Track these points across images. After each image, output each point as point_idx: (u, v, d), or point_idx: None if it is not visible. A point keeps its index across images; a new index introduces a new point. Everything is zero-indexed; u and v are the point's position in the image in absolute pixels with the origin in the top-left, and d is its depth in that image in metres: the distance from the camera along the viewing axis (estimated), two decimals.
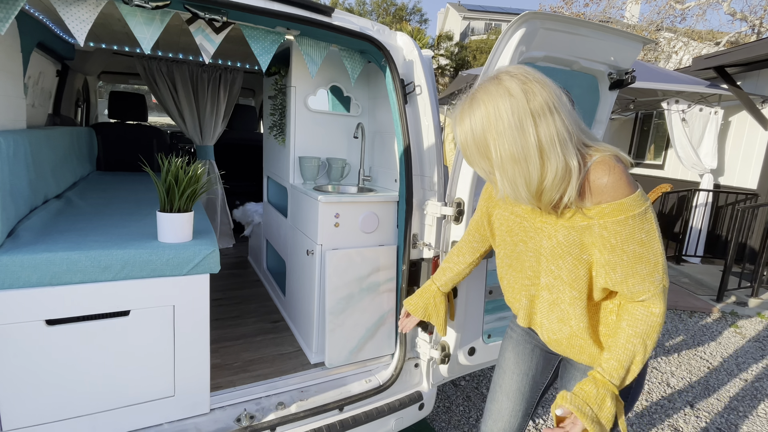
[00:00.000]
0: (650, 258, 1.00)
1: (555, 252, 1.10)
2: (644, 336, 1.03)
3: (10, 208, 1.44)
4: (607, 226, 1.01)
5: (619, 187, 0.99)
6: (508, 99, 0.97)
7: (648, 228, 1.00)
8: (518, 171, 0.99)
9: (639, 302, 1.04)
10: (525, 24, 1.62)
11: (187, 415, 1.61)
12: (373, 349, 2.13)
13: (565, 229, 1.07)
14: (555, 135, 0.97)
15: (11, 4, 1.37)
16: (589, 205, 1.03)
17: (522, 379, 1.39)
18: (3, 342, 1.29)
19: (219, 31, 1.65)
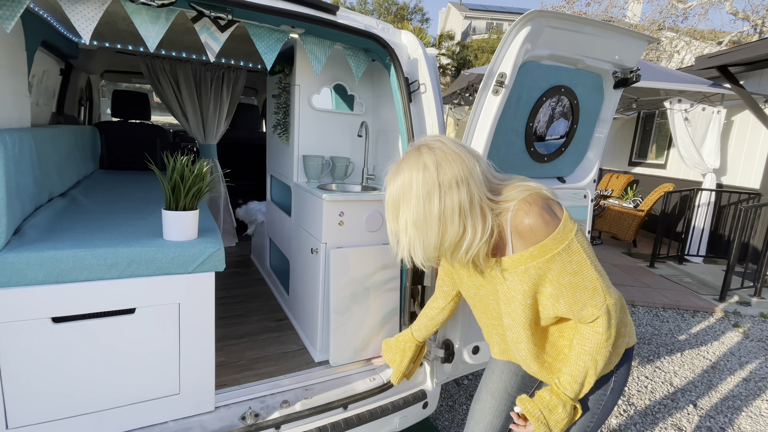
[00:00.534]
0: (587, 285, 1.08)
1: (507, 295, 1.18)
2: (593, 353, 1.12)
3: (16, 206, 1.44)
4: (540, 266, 1.09)
5: (538, 229, 1.07)
6: (422, 171, 1.06)
7: (577, 259, 1.07)
8: (418, 236, 1.08)
9: (588, 324, 1.13)
10: (530, 22, 1.62)
11: (192, 413, 1.61)
12: (378, 348, 2.13)
13: (510, 275, 1.15)
14: (457, 205, 1.05)
15: (17, 3, 1.37)
16: (521, 250, 1.10)
17: (511, 378, 1.42)
18: (9, 339, 1.29)
19: (224, 29, 1.65)
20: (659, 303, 4.57)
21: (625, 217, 6.48)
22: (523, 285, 1.12)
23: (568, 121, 2.05)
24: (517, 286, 1.14)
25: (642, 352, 3.55)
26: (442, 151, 1.07)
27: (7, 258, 1.27)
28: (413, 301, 2.00)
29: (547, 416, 1.15)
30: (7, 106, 1.71)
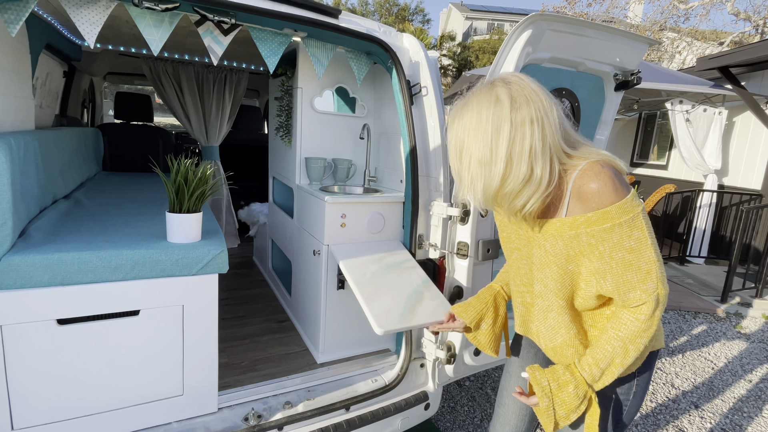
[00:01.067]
0: (641, 265, 0.99)
1: (543, 261, 1.11)
2: (626, 340, 1.02)
3: (21, 208, 1.45)
4: (594, 234, 1.01)
5: (605, 194, 0.99)
6: (493, 106, 1.00)
7: (638, 235, 0.98)
8: (480, 174, 1.02)
9: (630, 308, 1.03)
10: (532, 25, 1.63)
11: (195, 414, 1.62)
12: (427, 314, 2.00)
13: (553, 239, 1.08)
14: (528, 146, 0.98)
15: (22, 7, 1.39)
16: (578, 214, 1.03)
17: (526, 382, 1.38)
18: (15, 341, 1.31)
19: (227, 33, 1.67)
20: None
21: None
22: (567, 250, 1.05)
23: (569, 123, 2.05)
24: (559, 252, 1.06)
25: None
26: (519, 86, 1.00)
27: (12, 260, 1.28)
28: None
29: (554, 390, 1.04)
30: (12, 109, 1.72)
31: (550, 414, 1.05)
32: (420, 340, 2.07)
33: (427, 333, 2.03)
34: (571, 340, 1.13)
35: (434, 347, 1.98)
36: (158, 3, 1.46)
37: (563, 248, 1.06)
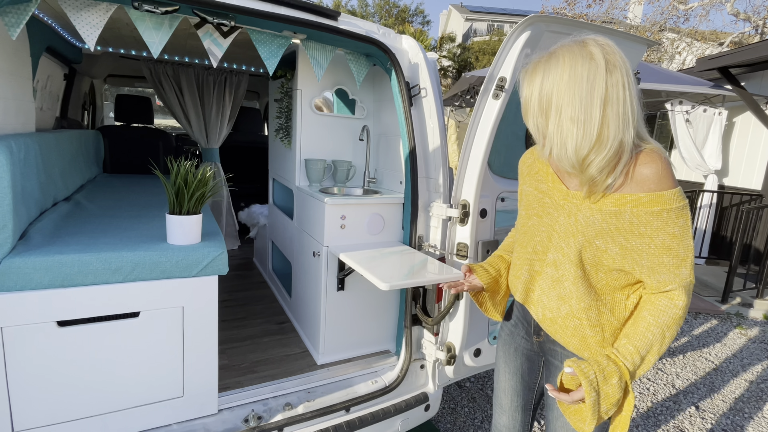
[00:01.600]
0: (680, 252, 1.01)
1: (569, 230, 1.11)
2: (664, 327, 1.03)
3: (22, 210, 1.46)
4: (640, 215, 1.01)
5: (663, 178, 1.00)
6: (588, 62, 0.98)
7: (682, 223, 1.01)
8: (572, 133, 1.00)
9: (663, 293, 1.05)
10: (530, 27, 1.63)
11: (195, 415, 1.62)
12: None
13: (589, 210, 1.08)
14: (620, 111, 0.98)
15: (22, 10, 1.39)
16: (627, 192, 1.03)
17: (512, 377, 1.42)
18: (15, 343, 1.31)
19: (227, 35, 1.67)
20: None
21: None
22: (601, 224, 1.05)
23: None
24: (592, 224, 1.06)
25: None
26: (612, 50, 0.99)
27: (13, 262, 1.28)
28: (414, 304, 2.01)
29: (600, 383, 1.00)
30: (12, 112, 1.73)
31: (596, 409, 1.01)
32: (420, 341, 2.07)
33: (427, 334, 2.03)
34: (578, 313, 1.12)
35: (434, 348, 1.98)
36: (158, 6, 1.47)
37: (599, 222, 1.06)
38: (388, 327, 2.29)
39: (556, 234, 1.15)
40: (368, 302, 2.22)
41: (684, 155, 6.03)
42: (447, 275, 1.54)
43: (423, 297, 2.01)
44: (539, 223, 1.20)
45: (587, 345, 1.13)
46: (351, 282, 2.16)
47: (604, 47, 1.00)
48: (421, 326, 2.05)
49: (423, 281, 1.57)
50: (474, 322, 1.94)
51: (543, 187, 1.22)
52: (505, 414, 1.46)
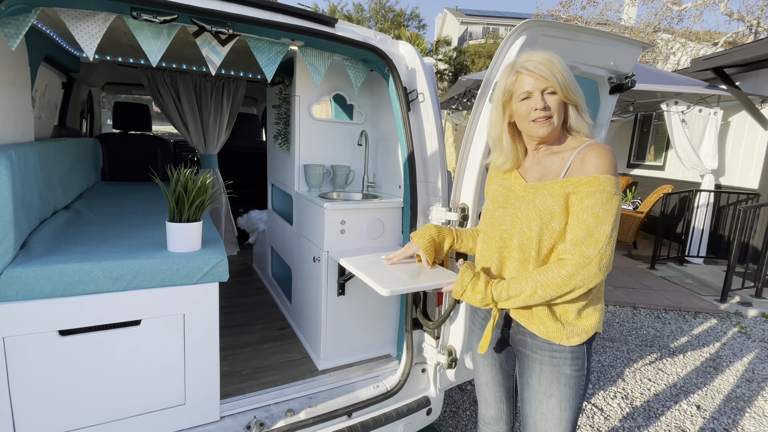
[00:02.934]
0: (593, 231, 1.13)
1: (530, 215, 1.24)
2: (540, 284, 1.16)
3: (23, 220, 1.46)
4: (578, 194, 1.16)
5: (603, 164, 1.16)
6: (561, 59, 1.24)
7: (608, 208, 1.13)
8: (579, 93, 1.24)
9: (559, 259, 1.18)
10: (526, 32, 1.65)
11: (197, 423, 1.62)
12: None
13: (543, 196, 1.22)
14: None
15: (22, 21, 1.40)
16: (572, 176, 1.18)
17: (492, 368, 1.48)
18: (17, 352, 1.31)
19: (225, 43, 1.68)
20: (660, 305, 4.58)
21: (624, 219, 6.49)
22: (554, 207, 1.19)
23: None
24: (546, 208, 1.20)
25: (644, 354, 3.55)
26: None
27: (14, 272, 1.29)
28: (415, 308, 2.01)
29: (467, 290, 1.27)
30: (12, 121, 1.73)
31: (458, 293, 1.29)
32: (421, 345, 2.07)
33: (427, 337, 2.03)
34: None
35: (435, 352, 1.99)
36: (156, 15, 1.48)
37: (551, 204, 1.19)
38: (388, 331, 2.30)
39: (519, 220, 1.27)
40: (369, 307, 2.23)
41: (680, 155, 6.06)
42: (447, 279, 1.55)
43: (423, 301, 2.02)
44: (504, 214, 1.32)
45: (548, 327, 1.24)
46: (351, 287, 2.17)
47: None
48: (421, 330, 2.05)
49: (423, 286, 1.57)
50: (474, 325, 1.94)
51: (507, 183, 1.36)
52: (491, 407, 1.52)
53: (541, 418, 1.29)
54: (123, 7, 1.45)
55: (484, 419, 1.57)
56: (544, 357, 1.27)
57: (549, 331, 1.24)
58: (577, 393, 1.26)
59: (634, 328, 4.05)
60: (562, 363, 1.25)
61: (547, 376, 1.27)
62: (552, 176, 1.24)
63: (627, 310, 4.49)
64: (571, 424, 1.28)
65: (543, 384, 1.28)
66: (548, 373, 1.27)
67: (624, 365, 3.35)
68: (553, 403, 1.27)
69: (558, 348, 1.24)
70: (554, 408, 1.27)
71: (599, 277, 1.13)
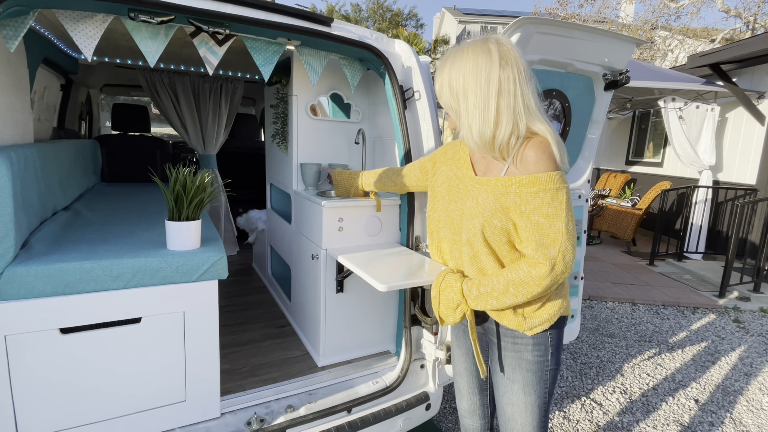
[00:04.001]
0: (549, 233, 1.12)
1: (473, 212, 1.24)
2: (510, 282, 1.16)
3: (23, 220, 1.48)
4: (522, 194, 1.15)
5: (541, 161, 1.14)
6: (486, 57, 1.14)
7: (556, 205, 1.12)
8: (476, 117, 1.16)
9: (528, 258, 1.18)
10: (520, 29, 1.67)
11: (198, 419, 1.64)
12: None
13: (485, 193, 1.22)
14: (512, 103, 1.13)
15: (20, 23, 1.42)
16: (513, 175, 1.18)
17: (465, 359, 1.50)
18: (19, 350, 1.32)
19: (222, 43, 1.70)
20: (659, 301, 4.59)
21: (623, 216, 6.51)
22: (495, 204, 1.19)
23: (560, 123, 2.09)
24: (488, 205, 1.20)
25: (643, 349, 3.57)
26: (508, 49, 1.15)
27: (15, 271, 1.30)
28: (413, 304, 2.03)
29: (442, 288, 1.30)
30: (11, 123, 1.74)
31: (436, 303, 1.31)
32: (419, 341, 2.09)
33: (426, 333, 2.05)
34: None
35: (434, 348, 2.00)
36: (154, 16, 1.50)
37: (493, 202, 1.20)
38: (387, 328, 2.31)
39: (465, 216, 1.28)
40: (367, 303, 2.24)
41: (678, 151, 6.08)
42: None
43: (422, 297, 2.03)
44: (455, 208, 1.34)
45: (509, 318, 1.26)
46: (350, 284, 2.18)
47: (501, 45, 1.15)
48: (420, 326, 2.07)
49: (420, 281, 1.59)
50: None
51: (459, 174, 1.36)
52: (464, 398, 1.54)
53: (507, 403, 1.33)
54: (120, 8, 1.47)
55: (461, 411, 1.59)
56: (507, 344, 1.30)
57: (510, 323, 1.26)
58: (541, 378, 1.28)
59: (633, 324, 4.07)
60: (524, 349, 1.27)
61: (510, 362, 1.30)
62: (495, 172, 1.24)
63: (626, 306, 4.51)
64: (538, 408, 1.30)
65: (506, 369, 1.31)
66: (510, 359, 1.30)
67: (623, 360, 3.36)
68: (517, 388, 1.30)
69: (519, 335, 1.27)
70: (518, 392, 1.30)
71: (566, 273, 1.14)
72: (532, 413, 1.30)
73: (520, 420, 1.31)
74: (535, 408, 1.30)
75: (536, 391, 1.29)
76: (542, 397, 1.30)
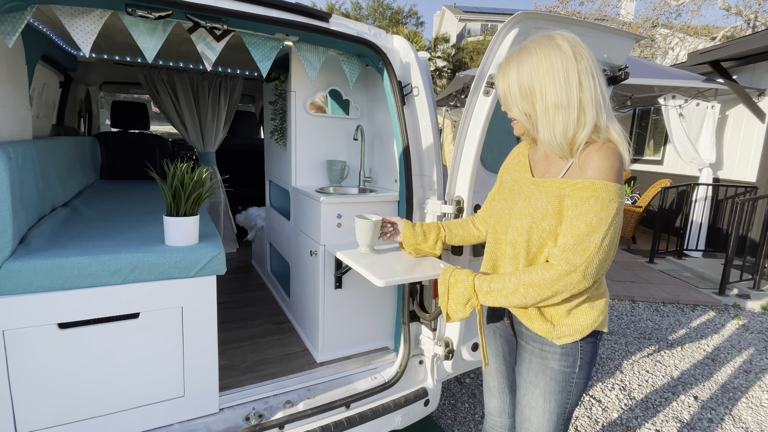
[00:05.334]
0: (584, 241, 1.07)
1: (523, 212, 1.22)
2: (523, 282, 1.14)
3: (21, 216, 1.48)
4: (573, 198, 1.10)
5: (602, 169, 1.08)
6: (559, 53, 1.09)
7: (603, 216, 1.07)
8: (558, 118, 1.10)
9: (546, 262, 1.15)
10: (518, 24, 1.66)
11: (197, 414, 1.64)
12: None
13: (539, 194, 1.19)
14: (593, 96, 1.08)
15: (18, 18, 1.41)
16: (570, 177, 1.13)
17: (496, 359, 1.49)
18: (17, 346, 1.33)
19: (220, 39, 1.70)
20: (659, 298, 4.59)
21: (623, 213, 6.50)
22: (547, 207, 1.15)
23: None
24: (540, 206, 1.17)
25: (642, 346, 3.57)
26: (576, 42, 1.11)
27: (13, 266, 1.30)
28: (412, 300, 2.03)
29: (451, 284, 1.27)
30: (10, 120, 1.74)
31: (445, 299, 1.29)
32: (418, 337, 2.09)
33: (424, 329, 2.05)
34: None
35: (432, 343, 2.00)
36: (151, 11, 1.49)
37: (545, 204, 1.16)
38: (386, 324, 2.32)
39: (514, 216, 1.25)
40: (366, 299, 2.25)
41: (678, 149, 6.07)
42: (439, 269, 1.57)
43: (420, 293, 2.03)
44: (504, 206, 1.31)
45: (540, 325, 1.23)
46: (348, 280, 2.18)
47: (569, 39, 1.10)
48: (419, 322, 2.07)
49: (418, 277, 1.59)
50: (471, 316, 1.96)
51: (517, 176, 1.33)
52: (494, 397, 1.53)
53: (526, 405, 1.31)
54: (118, 3, 1.47)
55: (489, 410, 1.57)
56: (534, 349, 1.28)
57: (539, 330, 1.23)
58: (564, 388, 1.25)
59: (632, 321, 4.07)
60: (550, 357, 1.24)
61: (535, 367, 1.28)
62: (554, 173, 1.19)
63: (625, 304, 4.51)
64: (556, 416, 1.27)
65: (530, 374, 1.29)
66: (536, 364, 1.27)
67: (622, 357, 3.36)
68: (538, 393, 1.27)
69: (548, 343, 1.24)
70: (539, 398, 1.27)
71: (583, 284, 1.10)
72: (549, 420, 1.27)
73: (535, 423, 1.29)
74: (553, 415, 1.27)
75: (557, 400, 1.26)
76: (562, 406, 1.26)
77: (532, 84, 1.11)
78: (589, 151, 1.11)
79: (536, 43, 1.12)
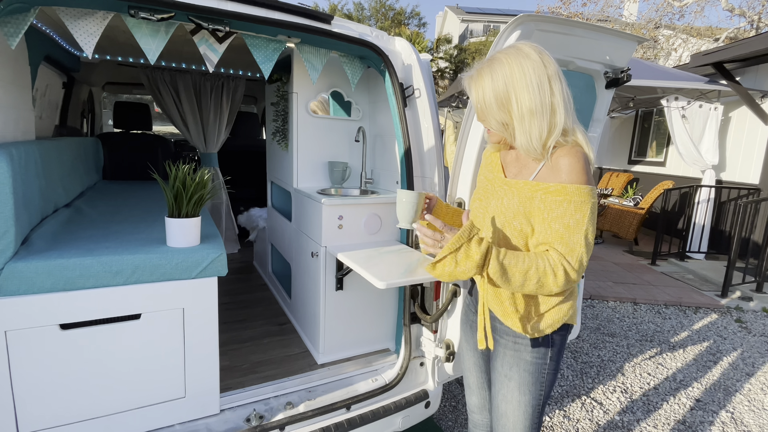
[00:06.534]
0: (569, 243, 1.11)
1: (495, 211, 1.26)
2: (532, 266, 1.10)
3: (24, 216, 1.48)
4: (546, 201, 1.14)
5: (573, 172, 1.12)
6: (529, 60, 1.12)
7: (579, 218, 1.11)
8: (535, 123, 1.13)
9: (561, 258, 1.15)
10: (520, 26, 1.66)
11: (197, 416, 1.64)
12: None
13: (511, 195, 1.22)
14: (562, 99, 1.13)
15: (21, 20, 1.42)
16: (541, 180, 1.17)
17: (473, 354, 1.50)
18: (19, 346, 1.33)
19: (222, 40, 1.70)
20: (661, 300, 4.58)
21: (625, 215, 6.49)
22: (519, 207, 1.19)
23: None
24: (512, 207, 1.20)
25: (644, 348, 3.56)
26: (541, 49, 1.15)
27: (16, 267, 1.31)
28: (413, 302, 2.03)
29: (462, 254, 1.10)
30: (12, 120, 1.75)
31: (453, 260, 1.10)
32: (419, 339, 2.09)
33: (425, 331, 2.05)
34: None
35: (433, 345, 2.00)
36: (154, 13, 1.50)
37: (517, 205, 1.20)
38: (387, 325, 2.31)
39: (488, 215, 1.29)
40: (367, 301, 2.25)
41: (681, 151, 6.06)
42: None
43: (421, 295, 2.03)
44: (479, 206, 1.35)
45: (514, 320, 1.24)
46: (350, 281, 2.18)
47: (534, 47, 1.15)
48: (419, 324, 2.07)
49: (419, 279, 1.59)
50: None
51: (490, 176, 1.36)
52: (474, 393, 1.55)
53: (502, 400, 1.33)
54: (121, 5, 1.47)
55: (470, 407, 1.59)
56: (507, 342, 1.30)
57: (514, 325, 1.26)
58: (538, 379, 1.29)
59: (634, 324, 4.06)
60: (523, 349, 1.27)
61: (509, 360, 1.30)
62: (525, 175, 1.23)
63: (627, 306, 4.50)
64: (532, 408, 1.30)
65: (504, 367, 1.31)
66: (510, 357, 1.30)
67: (624, 360, 3.36)
68: (513, 386, 1.30)
69: (521, 336, 1.27)
70: (514, 390, 1.30)
71: (576, 281, 1.15)
72: (525, 412, 1.31)
73: (512, 417, 1.32)
74: (529, 408, 1.31)
75: (531, 392, 1.29)
76: (537, 398, 1.30)
77: (507, 93, 1.13)
78: (559, 154, 1.15)
79: (505, 53, 1.15)
